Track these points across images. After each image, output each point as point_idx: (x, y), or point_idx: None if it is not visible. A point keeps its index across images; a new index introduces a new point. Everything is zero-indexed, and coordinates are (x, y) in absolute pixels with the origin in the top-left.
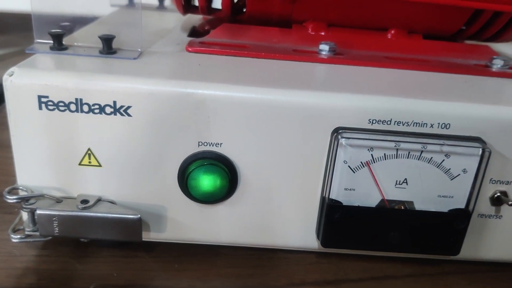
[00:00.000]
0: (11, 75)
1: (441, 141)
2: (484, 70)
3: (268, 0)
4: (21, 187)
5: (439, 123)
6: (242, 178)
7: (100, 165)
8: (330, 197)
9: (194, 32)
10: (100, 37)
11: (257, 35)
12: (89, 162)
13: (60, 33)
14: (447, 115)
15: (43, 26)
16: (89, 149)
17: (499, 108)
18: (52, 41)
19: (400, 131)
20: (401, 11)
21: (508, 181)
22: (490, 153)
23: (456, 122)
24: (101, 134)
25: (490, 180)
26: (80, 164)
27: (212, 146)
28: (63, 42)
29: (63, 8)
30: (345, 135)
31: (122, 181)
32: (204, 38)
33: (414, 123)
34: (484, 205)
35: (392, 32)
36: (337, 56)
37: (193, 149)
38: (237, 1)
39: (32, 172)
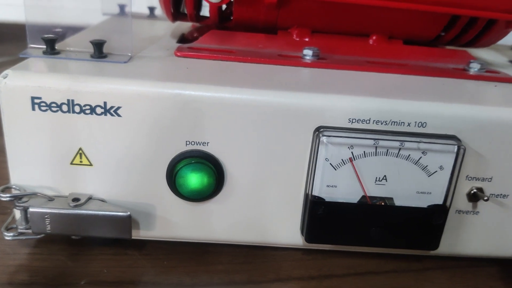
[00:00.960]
0: (5, 77)
1: (418, 139)
2: (461, 73)
3: (253, 7)
4: (14, 186)
5: (416, 122)
6: (229, 176)
7: (91, 164)
8: (313, 193)
9: (183, 39)
10: (91, 42)
11: (243, 41)
12: (81, 162)
13: (53, 38)
14: (424, 114)
15: (36, 32)
16: (80, 149)
17: (474, 107)
18: (45, 46)
19: (378, 130)
20: (381, 17)
21: (483, 178)
22: (464, 150)
23: (432, 121)
24: (92, 134)
25: (467, 177)
26: (71, 163)
27: (199, 145)
28: (56, 47)
29: (56, 17)
30: (326, 133)
31: (112, 180)
32: (192, 44)
33: (392, 122)
34: (461, 202)
35: (374, 37)
36: (320, 61)
37: (181, 148)
38: (225, 9)
39: (25, 171)
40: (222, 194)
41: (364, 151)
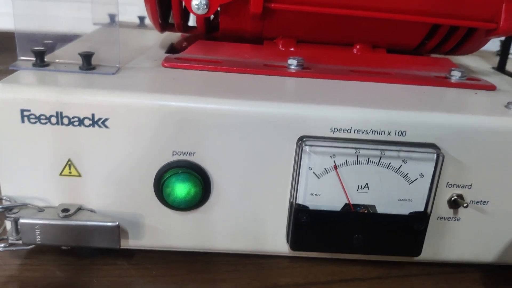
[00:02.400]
0: None
1: (398, 148)
2: (443, 81)
3: (239, 18)
4: (4, 197)
5: (395, 131)
6: (215, 185)
7: (80, 175)
8: (297, 202)
9: (172, 49)
10: (80, 54)
11: (230, 51)
12: (70, 173)
13: (42, 50)
14: (403, 123)
15: (26, 44)
16: (69, 160)
17: (453, 116)
18: (34, 58)
19: (359, 139)
20: (365, 27)
21: (463, 185)
22: (443, 158)
23: (412, 130)
24: (80, 145)
25: (447, 184)
26: (61, 174)
27: (186, 155)
28: (45, 59)
29: (46, 27)
30: (308, 143)
31: (101, 190)
32: (180, 54)
33: (372, 131)
34: (442, 208)
35: (357, 47)
36: (305, 70)
37: (168, 158)
38: (212, 20)
39: (15, 182)
40: (209, 203)
41: (346, 160)
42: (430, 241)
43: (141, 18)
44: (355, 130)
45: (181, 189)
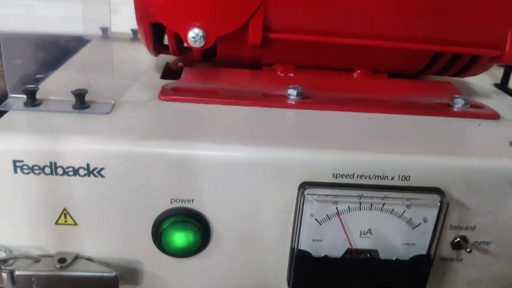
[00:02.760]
0: None
1: (401, 194)
2: (446, 110)
3: (237, 47)
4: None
5: (399, 176)
6: (215, 231)
7: (76, 224)
8: (299, 248)
9: (168, 71)
10: (73, 93)
11: (228, 79)
12: (65, 221)
13: (34, 89)
14: (407, 168)
15: (16, 81)
16: (64, 209)
17: (457, 159)
18: (25, 96)
19: (362, 184)
20: (365, 54)
21: (467, 226)
22: (448, 204)
23: (416, 174)
24: (75, 194)
25: (450, 226)
26: (56, 223)
27: (184, 202)
28: (37, 97)
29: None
30: (310, 191)
31: (98, 238)
32: (176, 82)
33: (375, 176)
34: (445, 249)
35: (358, 72)
36: (305, 101)
37: (166, 205)
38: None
39: (10, 232)
40: (208, 249)
41: (349, 206)
42: (432, 281)
43: (134, 31)
44: (357, 175)
45: (180, 237)
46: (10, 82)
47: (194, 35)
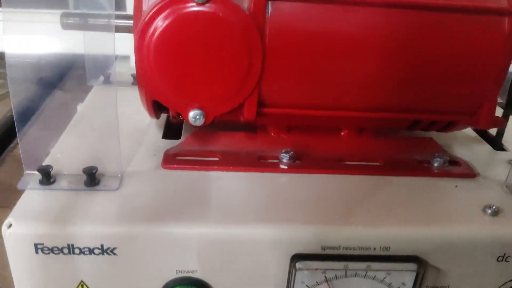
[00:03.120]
0: (9, 226)
1: (382, 264)
2: (425, 170)
3: (233, 116)
4: None
5: (380, 247)
6: None
7: None
8: None
9: (168, 125)
10: (84, 172)
11: (225, 141)
12: None
13: (48, 169)
14: (387, 240)
15: (32, 160)
16: (81, 281)
17: (431, 230)
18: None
19: (347, 255)
20: (351, 119)
21: (441, 286)
22: (424, 271)
23: (395, 245)
24: (91, 269)
25: (426, 286)
26: None
27: (188, 273)
28: (51, 173)
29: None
30: (301, 263)
31: None
32: (177, 147)
33: (359, 247)
34: None
35: (345, 131)
36: (296, 163)
37: (172, 275)
38: None
39: None
40: None
41: (336, 275)
42: None
43: (135, 76)
44: (343, 247)
45: None
46: (25, 160)
47: (194, 116)
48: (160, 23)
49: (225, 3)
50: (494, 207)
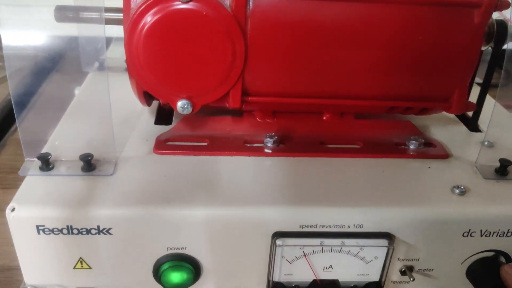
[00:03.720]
0: (13, 210)
1: (356, 240)
2: (401, 151)
3: (220, 103)
4: (29, 286)
5: (354, 224)
6: (204, 269)
7: (90, 268)
8: (273, 280)
9: (160, 110)
10: (80, 159)
11: (213, 126)
12: (82, 266)
13: (47, 156)
14: (360, 218)
15: (31, 147)
16: (80, 258)
17: (402, 209)
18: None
19: (324, 232)
20: (331, 106)
21: (412, 258)
22: (394, 248)
23: (368, 223)
24: (89, 247)
25: (398, 259)
26: (74, 268)
27: (178, 249)
28: (50, 160)
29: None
30: (281, 240)
31: (109, 277)
32: (169, 132)
33: (334, 225)
34: (395, 275)
35: (327, 115)
36: (280, 147)
37: (163, 252)
38: None
39: (38, 275)
40: (199, 283)
41: (313, 250)
42: None
43: None
44: (320, 225)
45: (176, 276)
46: (25, 148)
47: (182, 105)
48: (148, 20)
49: (208, 1)
50: (462, 187)
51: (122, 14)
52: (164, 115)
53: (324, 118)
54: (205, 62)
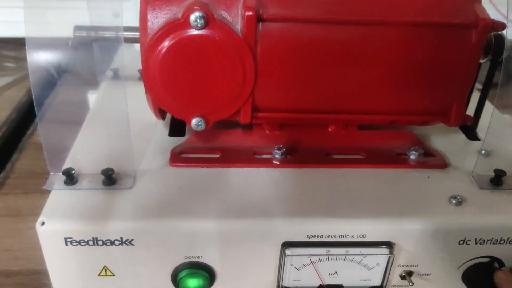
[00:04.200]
0: (42, 224)
1: (359, 249)
2: (402, 162)
3: (231, 117)
4: None
5: (357, 234)
6: (219, 276)
7: (114, 275)
8: (282, 285)
9: (174, 123)
10: (102, 173)
11: (224, 138)
12: (106, 274)
13: (71, 171)
14: (363, 229)
15: (55, 161)
16: (104, 266)
17: (402, 220)
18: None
19: (330, 242)
20: (336, 120)
21: (412, 264)
22: (394, 256)
23: (370, 233)
24: (112, 257)
25: (398, 265)
26: (99, 275)
27: (194, 258)
28: (74, 174)
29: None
30: (289, 249)
31: (131, 283)
32: (183, 145)
33: (339, 235)
34: (395, 279)
35: (332, 127)
36: (287, 159)
37: (181, 260)
38: None
39: (65, 283)
40: (215, 286)
41: (319, 258)
42: None
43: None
44: (326, 235)
45: (193, 282)
46: (49, 160)
47: (196, 122)
48: (164, 45)
49: (220, 28)
50: (458, 197)
51: (138, 33)
52: (177, 127)
53: (329, 129)
54: (218, 82)
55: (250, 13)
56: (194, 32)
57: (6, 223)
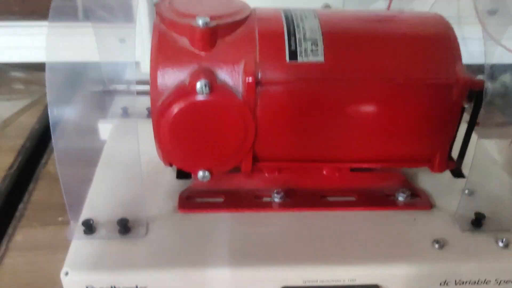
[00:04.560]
0: (66, 274)
1: None
2: (390, 204)
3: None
4: None
5: (348, 279)
6: None
7: None
8: None
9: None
10: (118, 223)
11: (227, 182)
12: None
13: (90, 222)
14: (354, 274)
15: (75, 211)
16: None
17: (388, 264)
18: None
19: (324, 286)
20: (330, 166)
21: None
22: None
23: (360, 277)
24: None
25: None
26: None
27: None
28: (92, 225)
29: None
30: None
31: None
32: (189, 188)
33: (332, 280)
34: None
35: (326, 170)
36: (286, 202)
37: None
38: None
39: None
40: None
41: None
42: None
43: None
44: (320, 280)
45: None
46: (70, 212)
47: (202, 174)
48: (174, 110)
49: (223, 93)
50: (441, 241)
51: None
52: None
53: (324, 172)
54: (222, 140)
55: (250, 79)
56: (200, 98)
57: (26, 257)
